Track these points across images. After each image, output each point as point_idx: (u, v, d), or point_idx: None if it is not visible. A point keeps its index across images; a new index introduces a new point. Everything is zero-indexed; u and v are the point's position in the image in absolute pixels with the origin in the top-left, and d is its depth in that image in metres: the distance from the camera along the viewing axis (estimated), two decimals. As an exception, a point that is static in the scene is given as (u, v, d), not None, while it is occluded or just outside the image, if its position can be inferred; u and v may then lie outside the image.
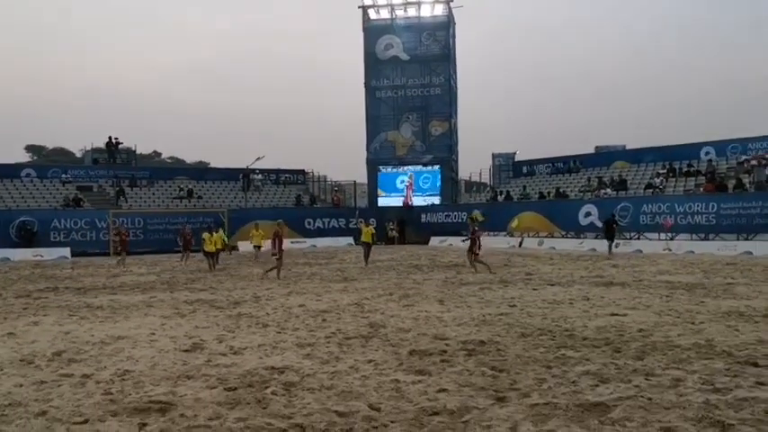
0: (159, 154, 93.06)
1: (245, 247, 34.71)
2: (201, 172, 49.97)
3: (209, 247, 23.47)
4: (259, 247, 27.18)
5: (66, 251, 31.80)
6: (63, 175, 39.99)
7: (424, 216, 41.93)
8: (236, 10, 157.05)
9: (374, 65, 45.38)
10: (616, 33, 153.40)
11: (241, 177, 42.77)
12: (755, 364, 7.17)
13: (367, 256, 23.71)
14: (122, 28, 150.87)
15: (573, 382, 6.62)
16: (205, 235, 24.08)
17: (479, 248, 20.45)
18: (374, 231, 25.70)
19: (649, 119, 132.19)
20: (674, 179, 33.29)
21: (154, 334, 9.93)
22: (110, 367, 7.62)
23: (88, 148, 46.74)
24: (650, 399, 5.92)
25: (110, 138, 43.32)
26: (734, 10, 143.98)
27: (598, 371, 7.03)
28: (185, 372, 7.34)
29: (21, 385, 6.81)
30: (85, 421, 5.57)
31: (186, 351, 8.55)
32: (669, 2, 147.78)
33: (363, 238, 24.27)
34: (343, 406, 5.88)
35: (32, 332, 10.21)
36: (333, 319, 11.03)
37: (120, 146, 43.76)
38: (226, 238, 24.64)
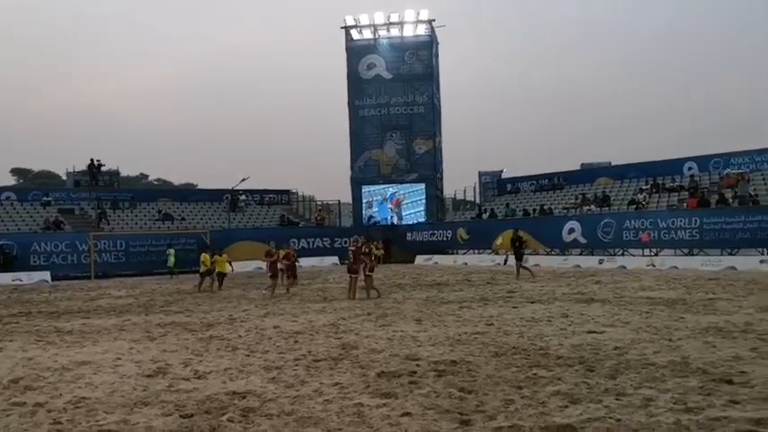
0: (146, 176, 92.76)
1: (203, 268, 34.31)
2: (185, 193, 49.62)
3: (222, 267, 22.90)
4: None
5: (47, 275, 31.24)
6: (44, 198, 39.51)
7: (409, 234, 41.75)
8: (222, 31, 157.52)
9: (357, 84, 45.36)
10: (601, 52, 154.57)
11: (225, 198, 42.58)
12: (730, 382, 6.99)
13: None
14: (113, 48, 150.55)
15: (542, 402, 6.41)
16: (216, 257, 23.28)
17: (372, 269, 18.47)
18: (380, 252, 23.13)
19: (635, 136, 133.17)
20: (657, 195, 33.28)
21: (119, 359, 9.66)
22: (66, 395, 7.35)
23: (71, 170, 46.31)
24: (619, 420, 5.72)
25: (91, 160, 43.03)
26: (718, 30, 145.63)
27: (569, 391, 6.83)
28: (143, 398, 7.09)
29: (-33, 416, 6.54)
30: (26, 454, 5.32)
31: (149, 376, 8.29)
32: (653, 21, 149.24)
33: None
34: (300, 433, 5.65)
35: (-7, 359, 9.92)
36: (305, 341, 10.78)
37: (102, 168, 43.42)
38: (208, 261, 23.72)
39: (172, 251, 32.41)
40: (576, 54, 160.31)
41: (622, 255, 29.66)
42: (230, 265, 23.87)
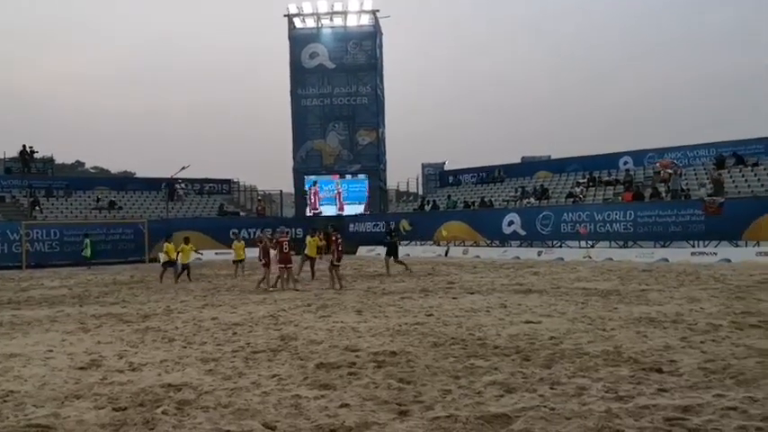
0: (82, 164, 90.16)
1: (165, 258, 33.75)
2: (123, 182, 48.31)
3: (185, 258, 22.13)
4: (242, 260, 24.18)
5: (-26, 265, 30.21)
6: (-28, 186, 38.13)
7: (351, 225, 41.68)
8: (160, 14, 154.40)
9: (299, 73, 45.09)
10: (542, 45, 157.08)
11: (163, 187, 41.79)
12: (659, 371, 7.20)
13: (312, 270, 21.49)
14: (47, 31, 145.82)
15: (478, 392, 6.50)
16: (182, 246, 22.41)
17: (338, 259, 18.66)
18: (321, 243, 22.33)
19: (574, 130, 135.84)
20: (594, 188, 34.04)
21: (51, 351, 9.38)
22: (-8, 388, 7.11)
23: (2, 157, 44.70)
24: (553, 409, 5.84)
25: (23, 146, 41.60)
26: (651, 27, 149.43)
27: (505, 380, 6.94)
28: (75, 391, 6.91)
29: None
30: (-52, 450, 5.13)
31: (81, 369, 8.09)
32: (590, 15, 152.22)
33: (308, 251, 21.46)
34: (236, 425, 5.58)
35: None
36: (243, 333, 10.67)
37: (35, 155, 42.04)
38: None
39: (88, 241, 31.52)
40: (519, 47, 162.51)
41: (560, 247, 30.23)
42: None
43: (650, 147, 35.42)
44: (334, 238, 19.12)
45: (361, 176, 45.36)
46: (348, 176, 45.52)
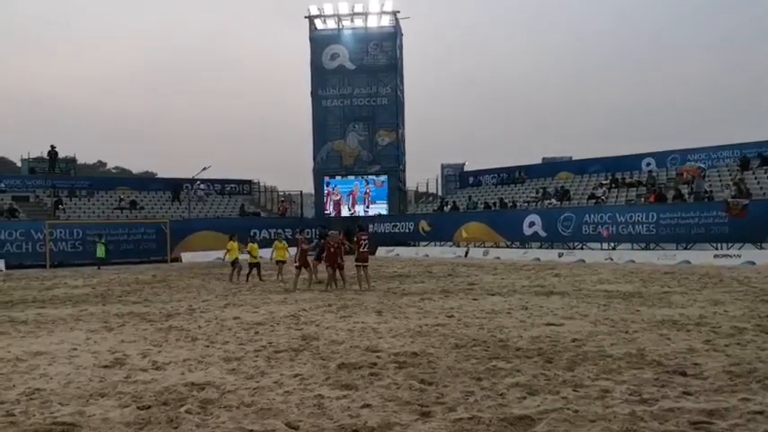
0: (104, 164, 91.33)
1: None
2: (144, 182, 48.74)
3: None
4: (284, 261, 22.90)
5: (0, 263, 30.59)
6: (-2, 185, 38.59)
7: (371, 226, 41.68)
8: (181, 15, 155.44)
9: (320, 74, 45.14)
10: (563, 45, 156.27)
11: (185, 188, 42.04)
12: (684, 374, 7.14)
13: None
14: (69, 33, 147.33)
15: (501, 394, 6.48)
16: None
17: (358, 258, 18.52)
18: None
19: (597, 131, 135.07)
20: (616, 190, 33.79)
21: (76, 349, 9.50)
22: (19, 386, 7.20)
23: (26, 157, 45.27)
24: (576, 411, 5.81)
25: (51, 147, 42.10)
26: (673, 29, 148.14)
27: (527, 382, 6.91)
28: (100, 389, 6.98)
29: None
30: (-24, 447, 5.20)
31: (105, 367, 8.17)
32: (613, 17, 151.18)
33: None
34: (259, 425, 5.61)
35: (-56, 349, 9.66)
36: (265, 332, 10.73)
37: (57, 155, 42.51)
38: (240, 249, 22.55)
39: (101, 242, 31.62)
40: (539, 47, 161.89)
41: (581, 248, 30.04)
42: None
43: (673, 148, 35.19)
44: (356, 239, 19.05)
45: (382, 177, 45.28)
46: (373, 177, 45.52)
